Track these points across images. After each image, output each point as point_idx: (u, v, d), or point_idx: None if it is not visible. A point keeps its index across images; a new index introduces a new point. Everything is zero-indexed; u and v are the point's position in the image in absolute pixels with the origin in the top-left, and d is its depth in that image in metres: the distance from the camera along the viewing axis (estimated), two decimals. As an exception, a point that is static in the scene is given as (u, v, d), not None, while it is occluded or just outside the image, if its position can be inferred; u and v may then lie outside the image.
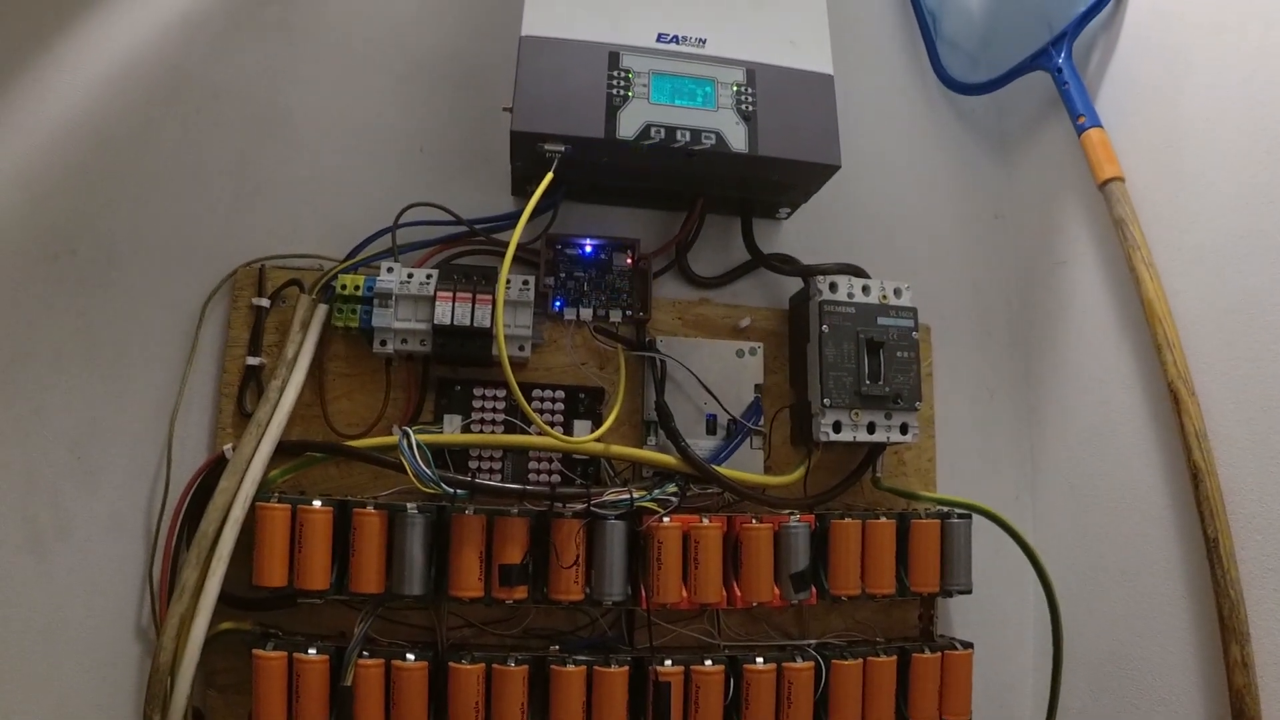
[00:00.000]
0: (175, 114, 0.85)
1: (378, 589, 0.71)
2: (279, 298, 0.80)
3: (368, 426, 0.79)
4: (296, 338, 0.77)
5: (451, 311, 0.75)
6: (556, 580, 0.73)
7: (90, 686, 0.74)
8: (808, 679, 0.76)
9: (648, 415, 0.81)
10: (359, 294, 0.76)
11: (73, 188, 0.81)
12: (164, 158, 0.84)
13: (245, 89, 0.87)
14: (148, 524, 0.77)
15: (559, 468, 0.80)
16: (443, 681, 0.72)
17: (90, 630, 0.75)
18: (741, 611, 0.81)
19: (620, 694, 0.73)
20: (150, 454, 0.78)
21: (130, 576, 0.76)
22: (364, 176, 0.87)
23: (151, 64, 0.86)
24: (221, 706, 0.75)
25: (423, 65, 0.91)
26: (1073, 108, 0.87)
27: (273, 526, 0.70)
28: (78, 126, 0.82)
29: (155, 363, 0.80)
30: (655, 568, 0.74)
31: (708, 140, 0.75)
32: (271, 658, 0.70)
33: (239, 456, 0.72)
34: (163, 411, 0.78)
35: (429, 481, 0.69)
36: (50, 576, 0.75)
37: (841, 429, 0.79)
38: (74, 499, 0.76)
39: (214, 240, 0.83)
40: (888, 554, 0.80)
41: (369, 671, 0.70)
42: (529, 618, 0.79)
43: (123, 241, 0.81)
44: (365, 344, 0.78)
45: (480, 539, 0.72)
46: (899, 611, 0.87)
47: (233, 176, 0.85)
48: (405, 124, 0.89)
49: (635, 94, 0.75)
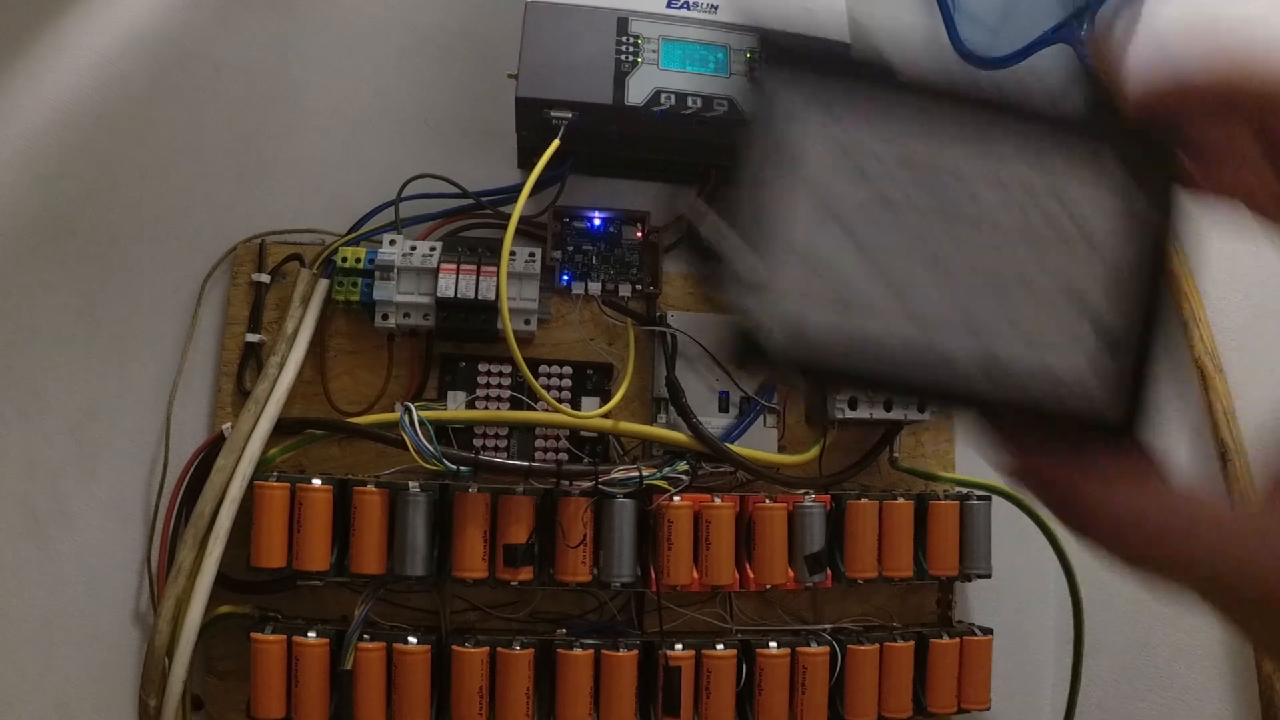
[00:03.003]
0: (176, 91, 0.83)
1: (379, 570, 0.69)
2: (279, 273, 0.78)
3: (369, 404, 0.77)
4: (296, 313, 0.75)
5: (455, 284, 0.73)
6: (563, 561, 0.71)
7: (89, 672, 0.73)
8: (823, 664, 0.74)
9: (658, 392, 0.79)
10: (360, 267, 0.75)
11: (73, 168, 0.79)
12: (165, 135, 0.82)
13: (247, 64, 0.85)
14: (147, 507, 0.75)
15: (566, 445, 0.78)
16: (446, 665, 0.70)
17: (89, 615, 0.73)
18: (754, 595, 0.79)
19: (629, 678, 0.71)
20: (150, 435, 0.77)
21: (130, 560, 0.75)
22: (367, 150, 0.85)
23: (152, 40, 0.84)
24: (220, 692, 0.73)
25: (427, 38, 0.89)
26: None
27: (271, 506, 0.68)
28: (78, 106, 0.80)
29: (156, 343, 0.78)
30: (665, 548, 0.71)
31: (720, 107, 0.73)
32: (270, 641, 0.68)
33: (237, 434, 0.71)
34: (163, 392, 0.77)
35: (430, 457, 0.67)
36: (50, 562, 0.73)
37: (858, 406, 0.77)
38: (74, 483, 0.75)
39: (215, 218, 0.81)
40: (905, 536, 0.77)
41: (370, 655, 0.68)
42: (535, 600, 0.77)
43: (124, 221, 0.79)
44: (367, 320, 0.76)
45: (484, 518, 0.70)
46: (916, 597, 0.85)
47: (235, 153, 0.83)
48: (409, 97, 0.87)
49: (645, 60, 0.73)
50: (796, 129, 0.21)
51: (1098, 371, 0.21)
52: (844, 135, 0.21)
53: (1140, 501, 0.21)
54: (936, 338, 0.21)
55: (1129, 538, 0.21)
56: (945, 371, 0.22)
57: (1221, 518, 0.20)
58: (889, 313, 0.21)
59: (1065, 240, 0.21)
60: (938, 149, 0.22)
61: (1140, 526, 0.20)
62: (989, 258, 0.21)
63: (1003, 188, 0.21)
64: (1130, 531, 0.21)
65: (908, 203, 0.21)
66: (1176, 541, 0.20)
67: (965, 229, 0.21)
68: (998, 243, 0.21)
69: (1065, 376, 0.21)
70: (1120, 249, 0.21)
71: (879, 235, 0.21)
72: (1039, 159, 0.21)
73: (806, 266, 0.21)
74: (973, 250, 0.22)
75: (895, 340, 0.21)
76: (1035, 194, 0.21)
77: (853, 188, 0.21)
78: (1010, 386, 0.22)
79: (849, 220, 0.21)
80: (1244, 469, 0.69)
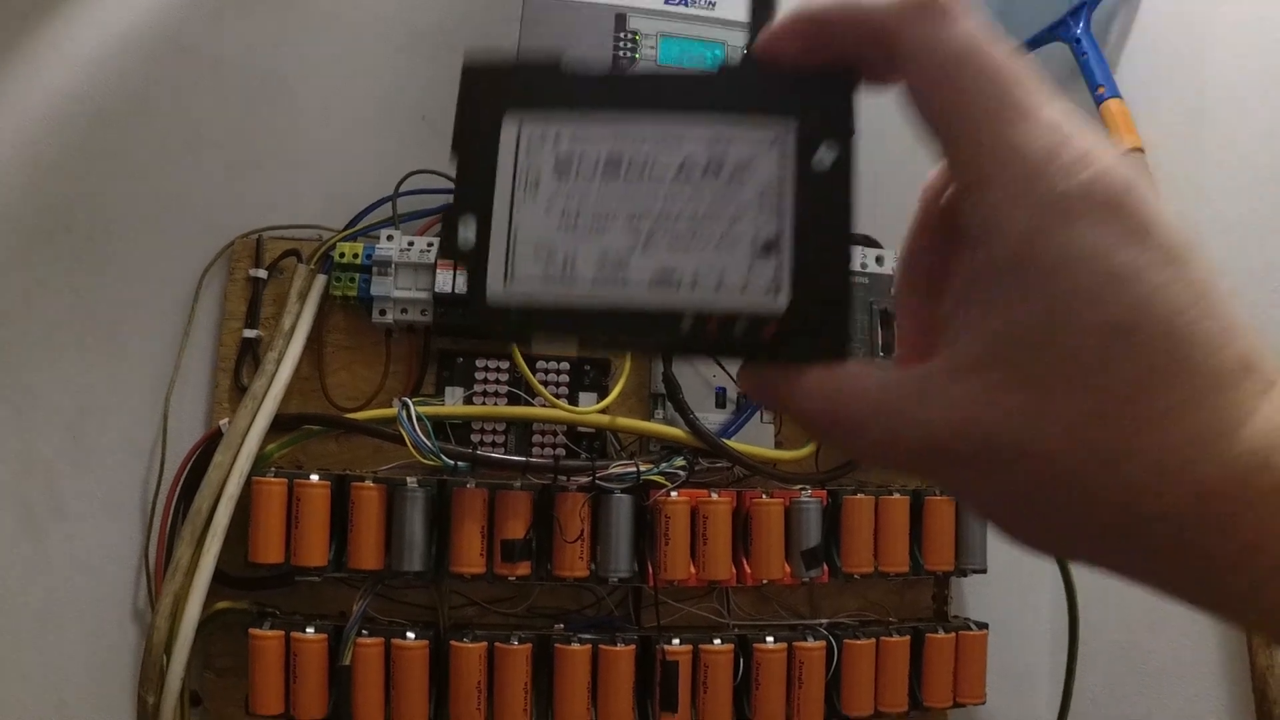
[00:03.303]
0: (172, 86, 0.83)
1: (377, 565, 0.69)
2: (276, 269, 0.78)
3: (367, 399, 0.77)
4: (294, 308, 0.75)
5: (452, 280, 0.72)
6: (561, 556, 0.71)
7: (86, 669, 0.73)
8: (819, 659, 0.74)
9: (655, 387, 0.79)
10: (358, 262, 0.75)
11: (68, 163, 0.79)
12: (161, 130, 0.82)
13: (243, 59, 0.85)
14: (144, 503, 0.75)
15: (564, 441, 0.78)
16: (444, 660, 0.70)
17: (86, 612, 0.73)
18: (751, 590, 0.79)
19: (626, 673, 0.71)
20: (147, 431, 0.76)
21: (126, 557, 0.75)
22: (364, 146, 0.85)
23: (147, 35, 0.83)
24: (218, 689, 0.73)
25: (424, 34, 0.89)
26: (1091, 78, 0.85)
27: (269, 502, 0.68)
28: (73, 101, 0.80)
29: (152, 338, 0.78)
30: (663, 544, 0.72)
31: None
32: (268, 637, 0.68)
33: (234, 430, 0.71)
34: (159, 388, 0.77)
35: (428, 452, 0.67)
36: (46, 558, 0.73)
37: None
38: (69, 479, 0.75)
39: (211, 214, 0.80)
40: (901, 531, 0.78)
41: (368, 651, 0.69)
42: (532, 596, 0.77)
43: (119, 216, 0.79)
44: (365, 315, 0.76)
45: (482, 513, 0.70)
46: (912, 592, 0.85)
47: (231, 148, 0.83)
48: (406, 93, 0.87)
49: (642, 56, 0.73)
50: (498, 120, 0.26)
51: (757, 271, 0.24)
52: (535, 124, 0.25)
53: (820, 381, 0.23)
54: (628, 287, 0.25)
55: (814, 414, 0.23)
56: (638, 318, 0.25)
57: (885, 381, 0.22)
58: (584, 275, 0.25)
59: (726, 179, 0.25)
60: (621, 129, 0.25)
61: (821, 401, 0.23)
62: (664, 212, 0.25)
63: (675, 146, 0.25)
64: (813, 408, 0.23)
65: (590, 171, 0.25)
66: (850, 408, 0.22)
67: (642, 190, 0.25)
68: (672, 195, 0.25)
69: (730, 281, 0.24)
70: (769, 169, 0.25)
71: (570, 202, 0.25)
72: (702, 115, 0.25)
73: (511, 237, 0.25)
74: (649, 206, 0.25)
75: (594, 297, 0.25)
76: (700, 145, 0.25)
77: (547, 165, 0.25)
78: (689, 303, 0.25)
79: (547, 196, 0.25)
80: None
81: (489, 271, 0.25)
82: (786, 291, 0.24)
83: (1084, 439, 0.20)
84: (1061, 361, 0.20)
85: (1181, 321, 0.19)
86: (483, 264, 0.25)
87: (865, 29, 0.23)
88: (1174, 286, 0.19)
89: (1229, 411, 0.19)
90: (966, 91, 0.21)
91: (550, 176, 0.25)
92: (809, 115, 0.25)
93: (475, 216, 0.25)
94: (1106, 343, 0.19)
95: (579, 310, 0.25)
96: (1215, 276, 0.20)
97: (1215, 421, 0.19)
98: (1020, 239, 0.20)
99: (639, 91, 0.26)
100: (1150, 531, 0.20)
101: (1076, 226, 0.20)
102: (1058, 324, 0.20)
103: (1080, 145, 0.20)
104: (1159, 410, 0.19)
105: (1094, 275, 0.19)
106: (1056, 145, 0.20)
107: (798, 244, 0.24)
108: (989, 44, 0.21)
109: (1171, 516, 0.19)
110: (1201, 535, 0.19)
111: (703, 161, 0.25)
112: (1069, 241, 0.19)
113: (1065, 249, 0.20)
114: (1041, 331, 0.20)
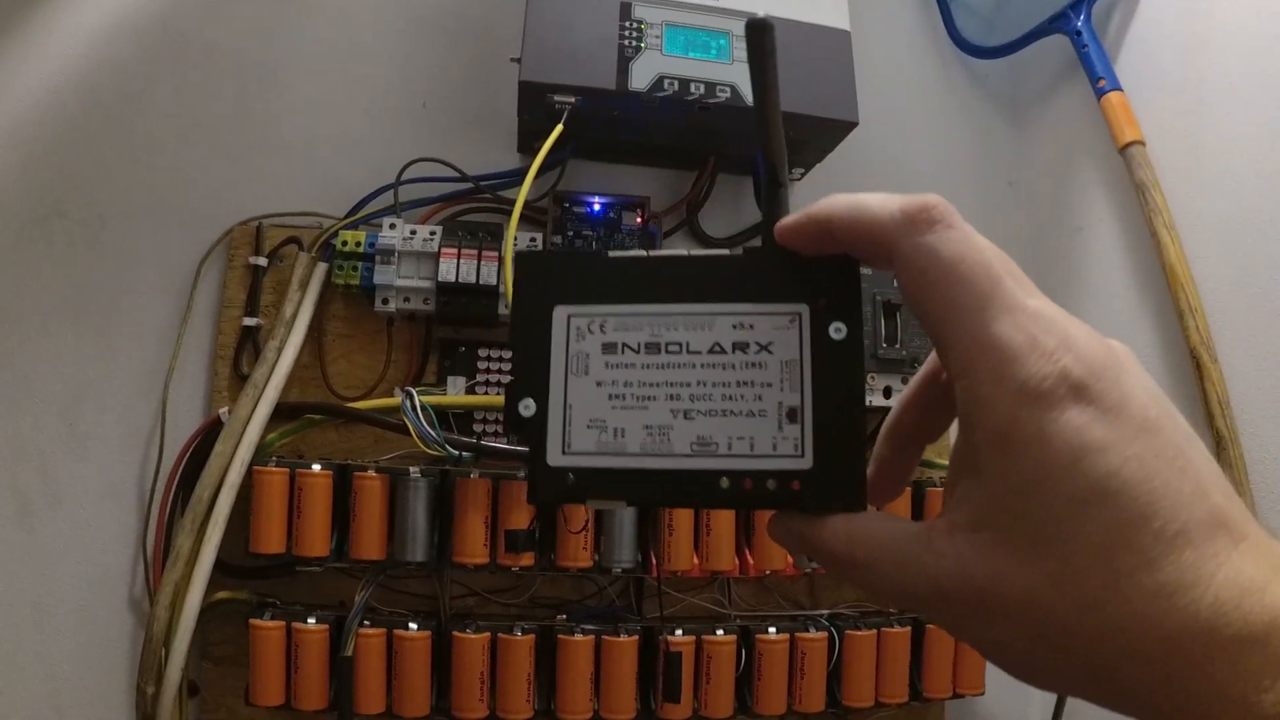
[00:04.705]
0: (168, 71, 0.82)
1: (379, 556, 0.69)
2: (277, 256, 0.78)
3: (368, 388, 0.76)
4: (295, 297, 0.75)
5: (456, 268, 0.72)
6: (564, 546, 0.71)
7: (83, 658, 0.72)
8: (821, 649, 0.74)
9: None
10: (360, 251, 0.74)
11: (63, 149, 0.78)
12: (157, 116, 0.81)
13: (240, 45, 0.84)
14: (141, 491, 0.75)
15: (566, 432, 0.77)
16: (446, 651, 0.70)
17: (83, 601, 0.73)
18: (753, 581, 0.79)
19: (629, 664, 0.71)
20: (144, 419, 0.76)
21: (124, 545, 0.74)
22: (365, 133, 0.84)
23: (143, 21, 0.82)
24: (218, 679, 0.72)
25: (424, 21, 0.88)
26: (1092, 71, 0.85)
27: (270, 491, 0.68)
28: (68, 86, 0.79)
29: (149, 325, 0.77)
30: (666, 534, 0.71)
31: (722, 94, 0.73)
32: (269, 627, 0.68)
33: (235, 419, 0.70)
34: (156, 376, 0.76)
35: (433, 443, 0.66)
36: (41, 547, 0.73)
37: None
38: (65, 467, 0.74)
39: (209, 201, 0.80)
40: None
41: (370, 641, 0.68)
42: (535, 586, 0.76)
43: (114, 203, 0.78)
44: (366, 304, 0.76)
45: (485, 503, 0.70)
46: (912, 583, 0.85)
47: (228, 135, 0.82)
48: (406, 80, 0.86)
49: (648, 45, 0.73)
50: (549, 311, 0.29)
51: (784, 435, 0.28)
52: (584, 311, 0.29)
53: (841, 528, 0.26)
54: (672, 454, 0.28)
55: (836, 556, 0.26)
56: (681, 479, 0.28)
57: (896, 530, 0.25)
58: (633, 444, 0.28)
59: (752, 356, 0.28)
60: (659, 315, 0.29)
61: (842, 545, 0.26)
62: (700, 386, 0.28)
63: (706, 329, 0.29)
64: (835, 550, 0.26)
65: (633, 353, 0.29)
66: (866, 551, 0.25)
67: (679, 368, 0.29)
68: (706, 371, 0.28)
69: (761, 446, 0.28)
70: (789, 346, 0.28)
71: (617, 381, 0.29)
72: (729, 303, 0.29)
73: (567, 412, 0.29)
74: (687, 381, 0.28)
75: (642, 462, 0.28)
76: (728, 328, 0.29)
77: (595, 349, 0.29)
78: (726, 465, 0.28)
79: (596, 376, 0.29)
80: (1239, 458, 0.70)
81: (548, 443, 0.29)
82: (810, 453, 0.27)
83: (1063, 590, 0.22)
84: (1041, 525, 0.22)
85: (1149, 487, 0.22)
86: (543, 436, 0.29)
87: (867, 236, 0.27)
88: (1144, 456, 0.22)
89: (1200, 564, 0.21)
90: (955, 294, 0.24)
91: (598, 359, 0.29)
92: (820, 299, 0.28)
93: (534, 397, 0.29)
94: (1078, 509, 0.22)
95: (630, 474, 0.28)
96: (1189, 442, 0.23)
97: (1186, 572, 0.21)
98: (1004, 420, 0.23)
99: (673, 276, 0.29)
100: (1128, 671, 0.22)
101: (1054, 408, 0.22)
102: (1036, 493, 0.22)
103: (1058, 333, 0.23)
104: (1130, 564, 0.21)
105: (1069, 450, 0.22)
106: (1037, 335, 0.23)
107: (817, 410, 0.28)
108: (976, 249, 0.25)
109: (1147, 658, 0.21)
110: (1175, 676, 0.21)
111: (730, 342, 0.28)
112: (1047, 421, 0.22)
113: (1042, 428, 0.22)
114: (1022, 500, 0.23)
